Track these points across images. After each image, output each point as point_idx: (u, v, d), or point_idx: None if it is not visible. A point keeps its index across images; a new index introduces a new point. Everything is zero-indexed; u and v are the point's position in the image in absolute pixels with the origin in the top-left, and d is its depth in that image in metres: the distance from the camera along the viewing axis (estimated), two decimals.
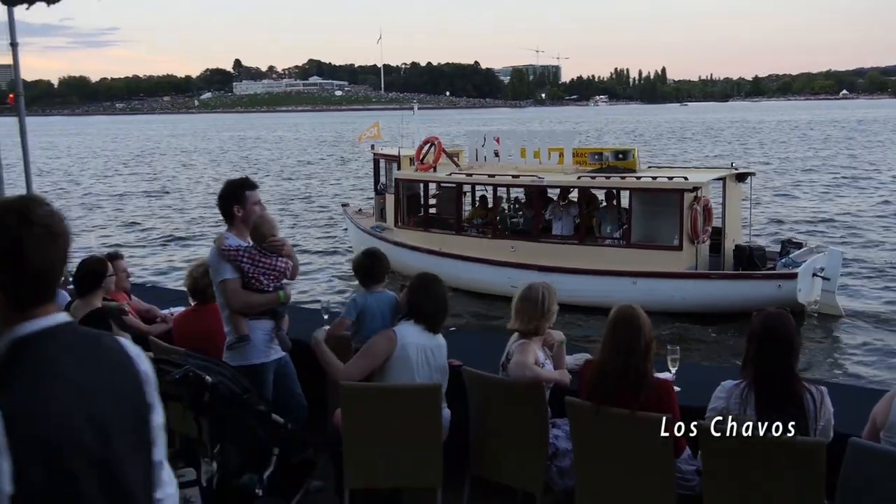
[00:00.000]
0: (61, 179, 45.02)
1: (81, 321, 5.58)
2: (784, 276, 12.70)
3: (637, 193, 13.85)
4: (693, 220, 13.11)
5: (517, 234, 15.15)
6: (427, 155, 16.49)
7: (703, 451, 3.81)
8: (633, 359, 3.94)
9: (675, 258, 13.26)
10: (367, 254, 5.10)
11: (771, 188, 32.10)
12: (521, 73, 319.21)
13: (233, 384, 4.13)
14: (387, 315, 4.87)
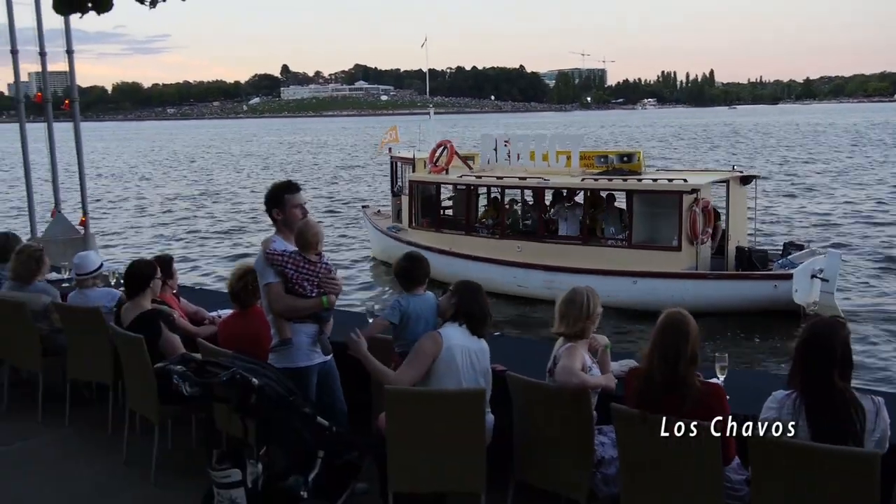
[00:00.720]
0: (113, 182, 46.00)
1: (132, 322, 5.70)
2: (780, 277, 12.97)
3: (638, 195, 14.18)
4: (692, 221, 13.41)
5: (524, 235, 15.53)
6: (440, 158, 16.91)
7: (753, 460, 3.72)
8: (680, 366, 3.88)
9: (674, 258, 13.58)
10: (408, 257, 5.10)
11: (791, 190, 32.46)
12: (567, 76, 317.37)
13: (279, 386, 4.17)
14: (430, 318, 4.90)
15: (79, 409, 6.72)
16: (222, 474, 4.05)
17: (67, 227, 13.38)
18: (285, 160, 63.58)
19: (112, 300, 6.39)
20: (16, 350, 7.01)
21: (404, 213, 17.94)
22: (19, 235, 8.44)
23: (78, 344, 6.53)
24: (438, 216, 17.24)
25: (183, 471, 5.62)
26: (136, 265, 5.93)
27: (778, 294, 12.80)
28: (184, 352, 5.08)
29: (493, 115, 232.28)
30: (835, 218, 25.66)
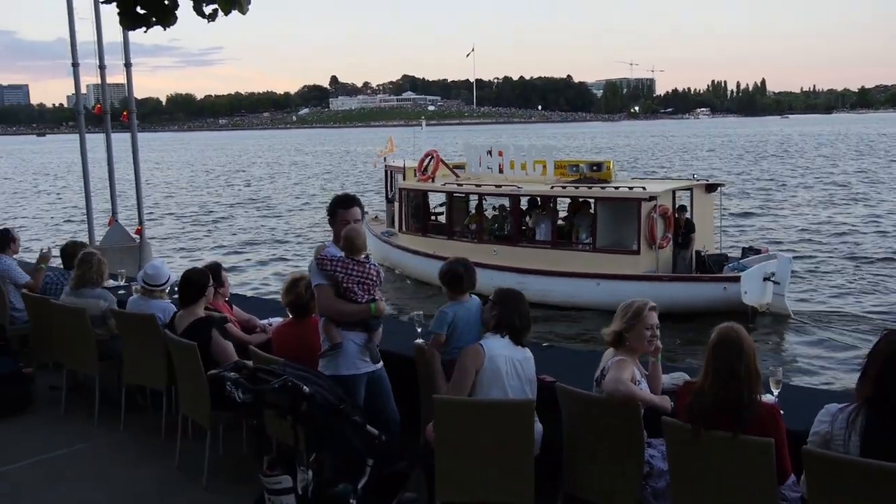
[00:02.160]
0: (166, 191, 46.95)
1: (185, 330, 5.81)
2: (729, 279, 13.90)
3: (601, 202, 15.27)
4: (650, 226, 14.42)
5: (500, 240, 16.52)
6: (427, 167, 18.15)
7: (808, 477, 3.64)
8: (734, 385, 3.80)
9: (634, 261, 14.58)
10: (460, 262, 5.15)
11: None
12: (615, 86, 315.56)
13: (330, 394, 4.21)
14: (475, 324, 4.94)
15: (133, 414, 6.87)
16: (273, 481, 4.10)
17: (124, 235, 13.71)
18: (329, 169, 64.20)
19: (167, 314, 6.49)
20: (74, 355, 7.19)
21: (396, 218, 19.06)
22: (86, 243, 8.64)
23: (133, 350, 6.67)
24: (425, 221, 18.24)
25: (234, 476, 5.70)
26: (190, 274, 6.04)
27: (728, 295, 13.58)
28: (237, 359, 5.16)
29: (539, 125, 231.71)
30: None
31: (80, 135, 13.25)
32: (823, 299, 16.54)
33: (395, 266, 18.80)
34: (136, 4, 3.61)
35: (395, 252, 18.53)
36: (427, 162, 18.28)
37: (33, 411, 7.27)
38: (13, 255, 8.74)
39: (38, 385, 7.57)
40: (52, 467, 6.09)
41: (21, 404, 7.24)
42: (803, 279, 18.24)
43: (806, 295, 16.79)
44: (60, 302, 7.23)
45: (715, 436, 3.77)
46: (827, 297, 16.76)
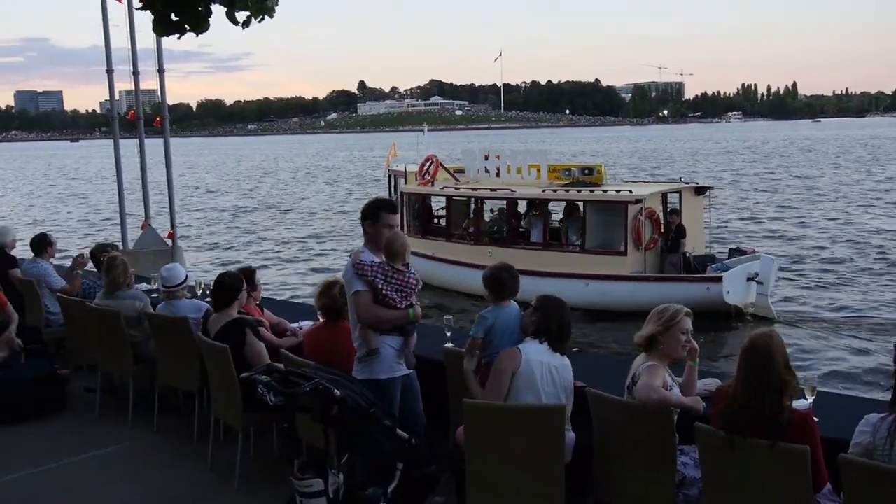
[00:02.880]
0: (195, 194, 47.43)
1: (219, 332, 5.87)
2: (711, 280, 14.27)
3: (590, 205, 15.70)
4: (637, 228, 14.85)
5: (495, 241, 16.96)
6: (427, 171, 18.62)
7: (846, 486, 3.59)
8: (765, 394, 3.76)
9: (621, 262, 15.02)
10: (504, 268, 5.08)
11: None
12: (643, 90, 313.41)
13: (360, 398, 4.22)
14: (514, 329, 4.93)
15: (166, 416, 6.95)
16: (305, 484, 4.12)
17: (157, 239, 13.88)
18: (357, 174, 64.49)
19: (199, 312, 6.59)
20: (109, 357, 7.29)
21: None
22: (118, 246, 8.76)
23: (166, 352, 6.75)
24: (425, 224, 18.76)
25: (265, 479, 5.75)
26: (224, 278, 6.10)
27: (710, 295, 13.92)
28: (269, 362, 5.20)
29: (567, 129, 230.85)
30: None
31: (115, 140, 13.44)
32: (815, 301, 16.86)
33: None
34: (170, 12, 3.67)
35: None
36: (427, 166, 18.78)
37: (69, 412, 7.39)
38: (50, 259, 8.89)
39: (73, 387, 7.69)
40: (86, 468, 6.19)
41: (57, 405, 7.36)
42: (805, 280, 18.75)
43: (798, 295, 17.31)
44: (95, 305, 7.34)
45: (749, 443, 3.73)
46: (818, 299, 17.07)
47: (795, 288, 18.07)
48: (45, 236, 8.98)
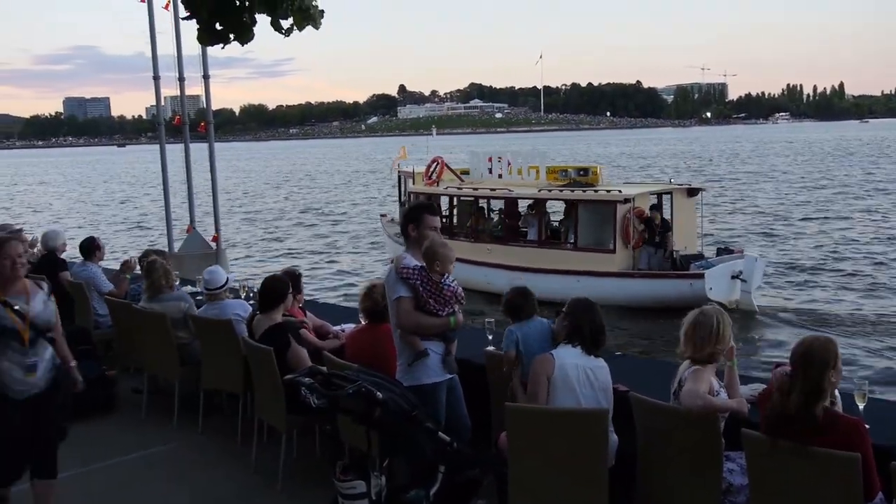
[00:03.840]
0: (239, 198, 48.03)
1: (263, 335, 5.94)
2: (694, 276, 14.81)
3: (582, 205, 16.40)
4: (626, 227, 15.50)
5: (494, 239, 17.72)
6: (433, 172, 19.54)
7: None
8: (813, 399, 3.69)
9: (610, 260, 15.67)
10: (518, 293, 5.19)
11: None
12: (686, 91, 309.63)
13: (403, 401, 4.24)
14: (544, 342, 4.92)
15: (211, 417, 7.04)
16: (347, 486, 4.14)
17: (201, 242, 14.08)
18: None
19: (245, 311, 6.67)
20: (155, 359, 7.42)
21: None
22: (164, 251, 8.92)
23: (211, 355, 6.84)
24: None
25: (308, 480, 5.80)
26: (271, 281, 6.16)
27: (693, 291, 14.20)
28: (312, 364, 5.25)
29: (608, 131, 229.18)
30: None
31: (161, 146, 13.66)
32: (802, 298, 17.54)
33: None
34: (215, 21, 3.72)
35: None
36: (433, 167, 19.66)
37: (116, 413, 7.53)
38: (98, 262, 9.07)
39: (121, 388, 7.84)
40: (133, 468, 6.30)
41: (105, 406, 7.50)
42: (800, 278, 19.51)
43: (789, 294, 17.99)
44: (140, 307, 7.48)
45: (797, 449, 3.66)
46: (806, 297, 17.68)
47: (791, 287, 18.71)
48: (93, 240, 9.16)
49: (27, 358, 4.66)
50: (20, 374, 4.63)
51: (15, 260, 4.71)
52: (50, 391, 4.80)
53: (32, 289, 4.84)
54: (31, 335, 4.70)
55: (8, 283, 4.72)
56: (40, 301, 4.83)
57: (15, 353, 4.64)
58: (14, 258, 4.71)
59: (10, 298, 4.69)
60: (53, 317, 4.93)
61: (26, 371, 4.64)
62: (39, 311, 4.80)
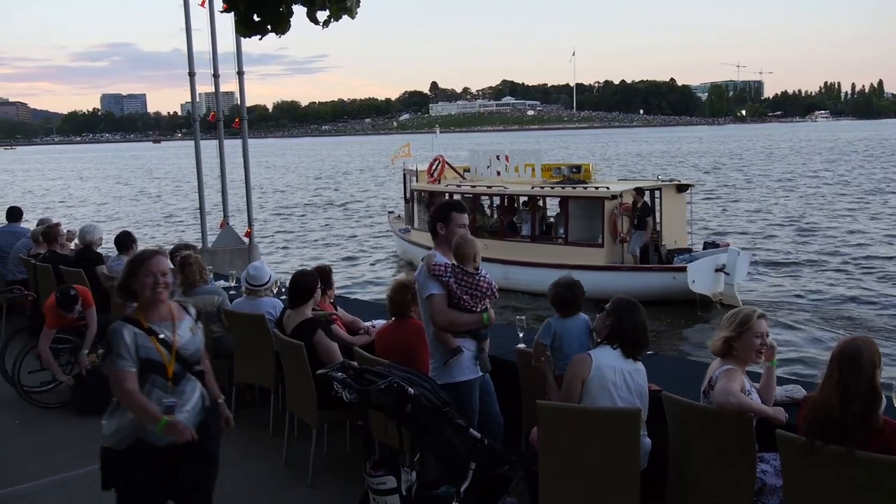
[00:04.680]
0: (271, 194, 48.42)
1: (293, 330, 5.98)
2: (677, 269, 15.51)
3: (572, 201, 17.10)
4: (613, 222, 16.27)
5: (490, 234, 18.23)
6: (435, 170, 20.56)
7: None
8: (852, 404, 3.62)
9: (598, 253, 16.38)
10: (566, 285, 5.04)
11: None
12: (720, 88, 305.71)
13: (434, 396, 4.24)
14: (582, 337, 4.86)
15: (242, 411, 7.10)
16: (378, 481, 4.16)
17: (235, 238, 14.21)
18: None
19: (277, 310, 6.71)
20: None
21: (411, 216, 21.96)
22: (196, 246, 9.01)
23: (243, 349, 6.90)
24: None
25: (338, 474, 5.83)
26: (301, 277, 6.20)
27: (677, 284, 15.14)
28: (343, 359, 5.27)
29: (641, 129, 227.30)
30: None
31: (196, 142, 13.80)
32: (790, 291, 18.07)
33: (412, 260, 21.13)
34: (253, 12, 3.74)
35: (410, 247, 21.22)
36: (435, 166, 20.55)
37: None
38: None
39: None
40: None
41: None
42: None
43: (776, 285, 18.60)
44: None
45: (834, 453, 3.60)
46: (791, 290, 18.20)
47: (778, 279, 19.42)
48: (128, 234, 9.29)
49: (168, 396, 3.94)
50: None
51: (158, 279, 3.99)
52: (199, 438, 3.99)
53: (178, 314, 4.10)
54: (176, 369, 3.96)
55: (151, 307, 4.00)
56: (187, 328, 4.10)
57: (158, 389, 3.93)
58: (157, 276, 3.99)
59: (154, 325, 3.97)
60: (202, 346, 4.22)
61: (165, 412, 3.87)
62: (187, 341, 4.05)
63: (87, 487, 5.88)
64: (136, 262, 4.07)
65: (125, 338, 3.87)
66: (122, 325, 3.93)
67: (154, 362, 3.89)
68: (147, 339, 3.90)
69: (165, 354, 3.93)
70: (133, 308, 4.06)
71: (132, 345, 3.87)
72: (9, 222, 11.63)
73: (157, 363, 3.90)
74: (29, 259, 10.11)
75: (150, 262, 4.01)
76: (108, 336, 3.95)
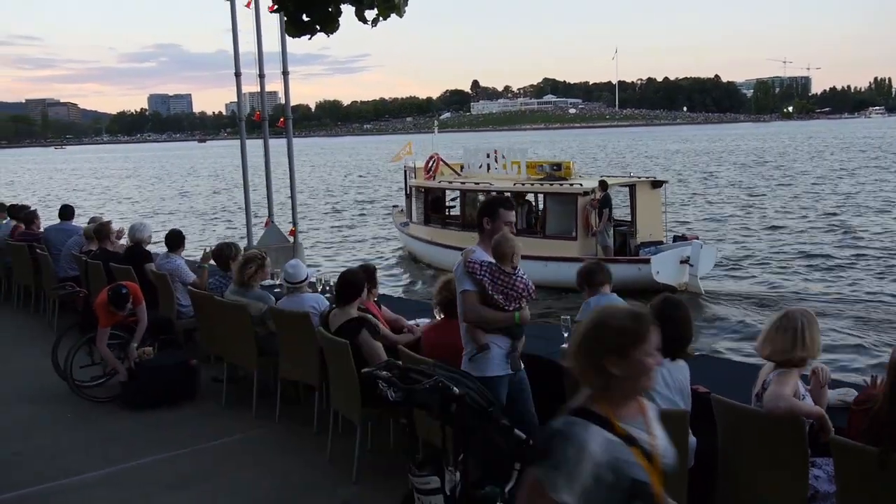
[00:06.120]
0: (314, 194, 48.84)
1: (339, 328, 6.02)
2: (642, 261, 16.58)
3: (549, 196, 18.28)
4: (585, 216, 17.34)
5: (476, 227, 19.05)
6: (431, 167, 21.71)
7: None
8: None
9: (572, 246, 17.34)
10: (592, 262, 5.69)
11: None
12: (766, 85, 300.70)
13: (479, 396, 4.23)
14: None
15: (287, 407, 7.17)
16: (422, 480, 4.16)
17: (279, 237, 14.33)
18: None
19: (319, 305, 6.77)
20: (235, 350, 7.60)
21: (409, 211, 23.26)
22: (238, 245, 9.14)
23: (289, 346, 6.97)
24: (427, 213, 21.73)
25: (382, 471, 5.86)
26: (349, 275, 6.24)
27: (642, 275, 15.92)
28: (388, 359, 5.29)
29: (684, 126, 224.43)
30: None
31: (241, 141, 13.93)
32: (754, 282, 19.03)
33: (413, 252, 23.05)
34: (302, 13, 3.78)
35: (410, 240, 22.90)
36: (431, 163, 21.73)
37: (198, 401, 7.73)
38: (181, 254, 9.35)
39: (201, 377, 8.05)
40: (213, 455, 6.47)
41: (187, 395, 7.72)
42: None
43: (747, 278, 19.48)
44: (225, 298, 7.66)
45: (893, 457, 3.51)
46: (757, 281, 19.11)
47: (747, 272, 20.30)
48: (178, 233, 9.44)
49: None
50: None
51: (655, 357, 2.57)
52: None
53: (649, 408, 2.62)
54: None
55: (620, 400, 2.49)
56: (657, 422, 2.60)
57: None
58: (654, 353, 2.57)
59: (628, 426, 2.44)
60: None
61: None
62: (666, 446, 2.54)
63: (137, 480, 6.03)
64: (632, 332, 2.55)
65: (591, 450, 2.31)
66: (583, 425, 2.38)
67: (641, 486, 2.37)
68: (628, 452, 2.37)
69: (650, 469, 2.42)
70: (586, 396, 2.51)
71: (605, 461, 2.31)
72: (61, 220, 11.89)
73: (644, 487, 2.37)
74: (81, 256, 10.33)
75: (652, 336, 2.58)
76: (552, 437, 2.40)
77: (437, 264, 20.39)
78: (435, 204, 21.96)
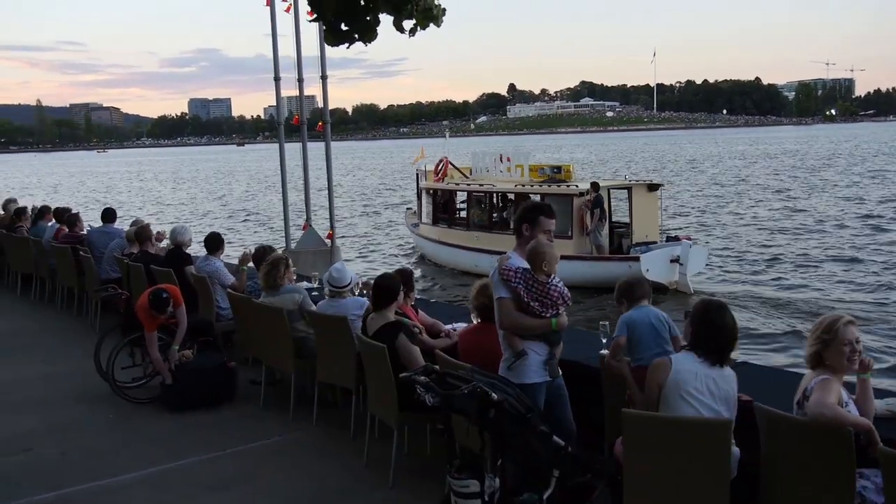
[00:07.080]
0: (351, 197, 49.11)
1: (376, 332, 6.02)
2: (632, 259, 17.32)
3: (548, 197, 18.40)
4: (581, 216, 18.37)
5: (481, 228, 20.81)
6: (441, 170, 22.85)
7: None
8: None
9: (568, 245, 17.71)
10: (631, 276, 5.50)
11: None
12: (809, 87, 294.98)
13: (517, 403, 4.20)
14: (657, 325, 4.98)
15: (324, 410, 7.21)
16: (461, 484, 4.14)
17: (317, 240, 14.45)
18: None
19: (361, 309, 6.79)
20: (272, 352, 7.65)
21: (420, 212, 24.51)
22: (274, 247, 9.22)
23: (326, 349, 6.99)
24: (437, 214, 22.94)
25: (418, 476, 5.85)
26: (386, 279, 6.24)
27: (632, 272, 15.56)
28: (426, 363, 5.28)
29: (724, 129, 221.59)
30: None
31: (280, 145, 14.09)
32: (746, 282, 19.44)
33: (423, 252, 24.18)
34: (340, 22, 3.79)
35: (420, 240, 24.08)
36: (440, 166, 22.89)
37: (236, 403, 7.80)
38: (221, 256, 9.45)
39: (240, 379, 8.12)
40: (251, 457, 6.51)
41: (226, 397, 7.79)
42: None
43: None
44: (260, 301, 7.73)
45: None
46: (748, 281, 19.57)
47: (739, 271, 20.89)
48: (218, 236, 9.54)
49: None
50: None
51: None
52: None
53: None
54: None
55: None
56: None
57: None
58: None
59: None
60: None
61: None
62: None
63: (178, 481, 6.09)
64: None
65: None
66: None
67: None
68: None
69: None
70: None
71: None
72: (104, 223, 12.10)
73: None
74: (122, 258, 10.49)
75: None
76: None
77: (445, 263, 21.82)
78: (444, 205, 23.09)
